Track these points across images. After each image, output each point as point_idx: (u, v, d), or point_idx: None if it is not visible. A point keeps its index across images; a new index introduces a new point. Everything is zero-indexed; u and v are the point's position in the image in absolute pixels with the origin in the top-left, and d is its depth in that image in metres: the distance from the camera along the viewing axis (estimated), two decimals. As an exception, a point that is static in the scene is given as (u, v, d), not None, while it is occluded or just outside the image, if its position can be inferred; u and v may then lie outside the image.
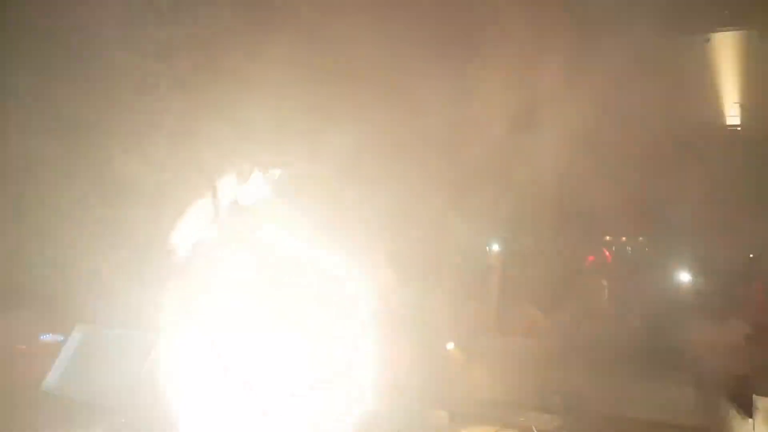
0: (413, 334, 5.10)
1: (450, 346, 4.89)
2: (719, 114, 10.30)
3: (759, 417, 3.18)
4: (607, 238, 13.42)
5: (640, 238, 13.17)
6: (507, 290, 6.03)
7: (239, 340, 4.00)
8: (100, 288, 6.87)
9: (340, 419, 4.01)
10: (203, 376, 3.65)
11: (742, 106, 10.08)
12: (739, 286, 6.72)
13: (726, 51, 10.07)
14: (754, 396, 3.26)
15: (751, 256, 9.89)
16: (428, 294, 5.84)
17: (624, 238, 13.61)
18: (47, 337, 5.55)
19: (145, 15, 8.62)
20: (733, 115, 10.17)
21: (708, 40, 9.89)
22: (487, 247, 6.69)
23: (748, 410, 3.26)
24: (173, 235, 7.37)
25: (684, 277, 6.68)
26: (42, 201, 7.77)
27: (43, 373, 5.71)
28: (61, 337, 6.18)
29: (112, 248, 7.92)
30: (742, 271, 8.47)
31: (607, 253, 11.22)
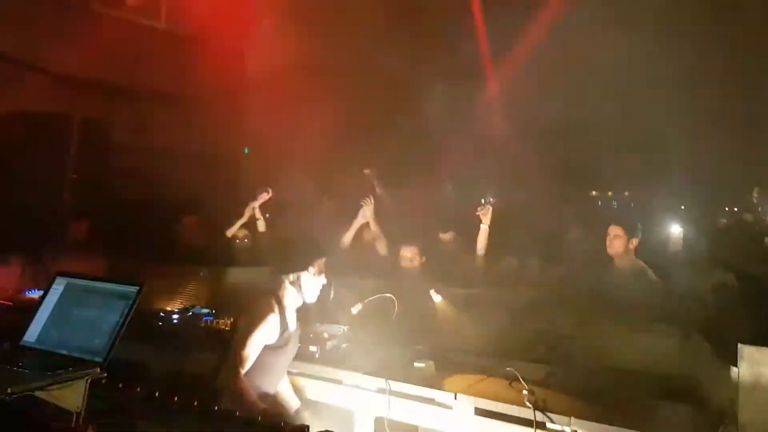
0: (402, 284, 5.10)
1: (437, 297, 4.87)
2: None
3: (743, 365, 3.21)
4: (594, 193, 13.53)
5: (626, 193, 13.30)
6: (497, 242, 6.01)
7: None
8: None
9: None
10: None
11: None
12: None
13: None
14: (738, 344, 3.28)
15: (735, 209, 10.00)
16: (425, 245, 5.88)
17: (610, 193, 13.73)
18: (32, 293, 5.43)
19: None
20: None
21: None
22: (482, 200, 6.57)
23: (733, 359, 3.27)
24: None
25: (673, 230, 6.67)
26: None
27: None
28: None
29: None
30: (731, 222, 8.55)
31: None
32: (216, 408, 2.63)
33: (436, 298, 4.81)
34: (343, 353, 4.30)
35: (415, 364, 4.03)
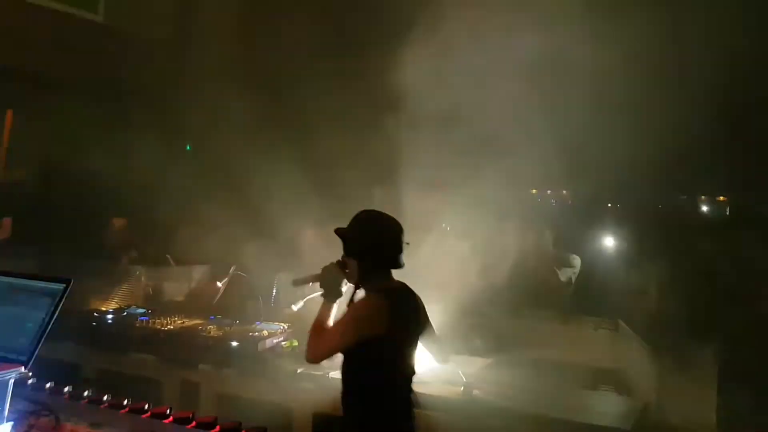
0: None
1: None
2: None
3: (665, 354, 3.35)
4: (534, 191, 13.80)
5: (564, 191, 13.62)
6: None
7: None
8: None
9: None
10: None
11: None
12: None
13: None
14: (660, 334, 3.43)
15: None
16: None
17: (549, 191, 14.03)
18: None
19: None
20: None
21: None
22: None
23: (657, 349, 3.41)
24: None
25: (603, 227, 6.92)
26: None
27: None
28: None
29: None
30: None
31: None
32: (147, 408, 2.59)
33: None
34: (282, 350, 4.27)
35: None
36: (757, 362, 3.80)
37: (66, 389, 2.81)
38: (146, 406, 2.59)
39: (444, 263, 5.85)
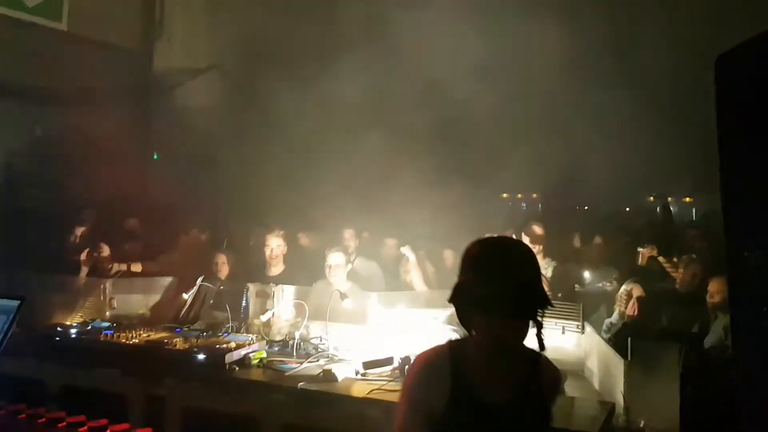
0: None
1: (348, 302, 4.87)
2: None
3: (634, 358, 3.38)
4: (504, 195, 13.93)
5: (534, 195, 13.79)
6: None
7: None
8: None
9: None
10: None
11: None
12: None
13: None
14: (629, 339, 3.45)
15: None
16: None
17: (520, 195, 14.19)
18: None
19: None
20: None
21: None
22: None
23: (624, 352, 3.44)
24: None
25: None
26: None
27: None
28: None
29: None
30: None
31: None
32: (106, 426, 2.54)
33: (347, 303, 4.81)
34: (250, 362, 4.23)
35: (324, 367, 4.04)
36: (717, 362, 3.86)
37: (22, 410, 2.73)
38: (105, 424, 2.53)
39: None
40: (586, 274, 5.98)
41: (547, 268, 5.39)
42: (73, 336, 4.68)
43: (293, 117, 9.17)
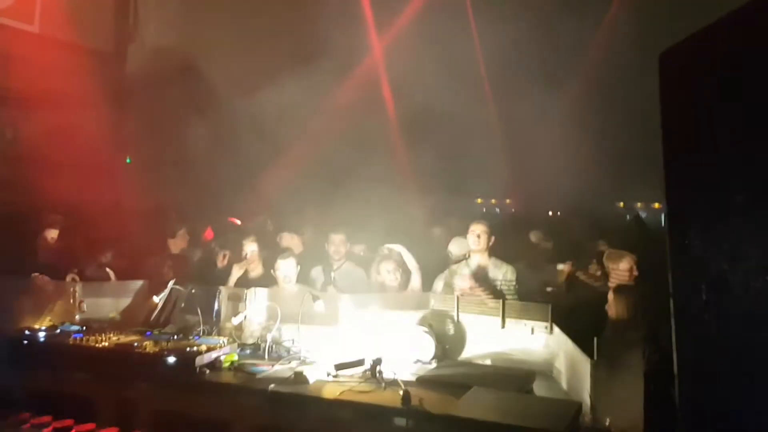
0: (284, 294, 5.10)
1: (319, 305, 4.88)
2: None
3: (600, 358, 3.44)
4: (479, 200, 14.08)
5: (508, 201, 13.95)
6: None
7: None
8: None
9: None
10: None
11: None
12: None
13: None
14: (595, 338, 3.51)
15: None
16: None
17: (494, 201, 14.34)
18: None
19: None
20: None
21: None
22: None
23: (590, 352, 3.50)
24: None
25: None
26: None
27: None
28: None
29: None
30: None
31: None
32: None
33: (318, 306, 4.82)
34: (221, 365, 4.23)
35: (296, 370, 4.05)
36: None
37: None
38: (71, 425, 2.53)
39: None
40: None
41: (500, 269, 5.49)
42: (42, 339, 4.63)
43: (264, 121, 9.18)
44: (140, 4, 11.13)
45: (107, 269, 6.02)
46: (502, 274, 5.45)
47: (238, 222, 8.21)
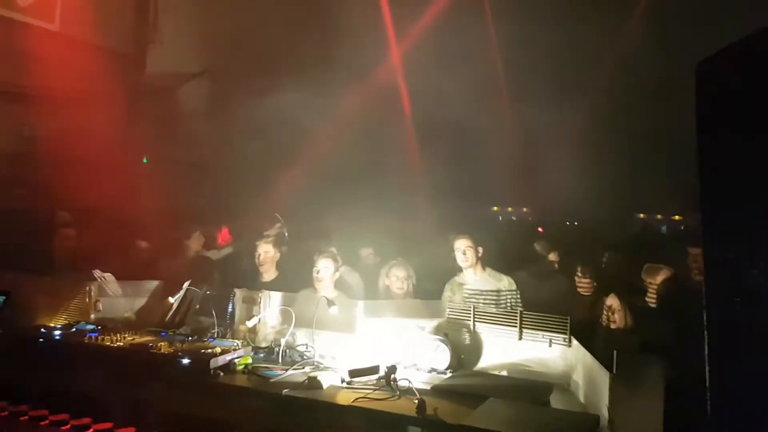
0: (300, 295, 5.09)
1: (333, 309, 4.86)
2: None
3: (619, 371, 3.39)
4: (495, 208, 14.03)
5: (524, 209, 13.88)
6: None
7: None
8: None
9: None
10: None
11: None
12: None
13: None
14: (614, 352, 3.47)
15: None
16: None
17: (510, 209, 14.29)
18: None
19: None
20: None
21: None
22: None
23: (609, 365, 3.45)
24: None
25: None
26: None
27: None
28: None
29: None
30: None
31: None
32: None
33: (333, 310, 4.80)
34: (235, 368, 4.21)
35: (309, 375, 4.03)
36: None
37: (5, 407, 2.71)
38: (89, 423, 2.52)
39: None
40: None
41: (500, 280, 5.46)
42: (57, 337, 4.64)
43: (279, 125, 9.21)
44: (160, 6, 11.19)
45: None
46: (503, 285, 5.41)
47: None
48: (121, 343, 4.44)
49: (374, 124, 10.05)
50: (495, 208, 13.85)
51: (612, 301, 4.79)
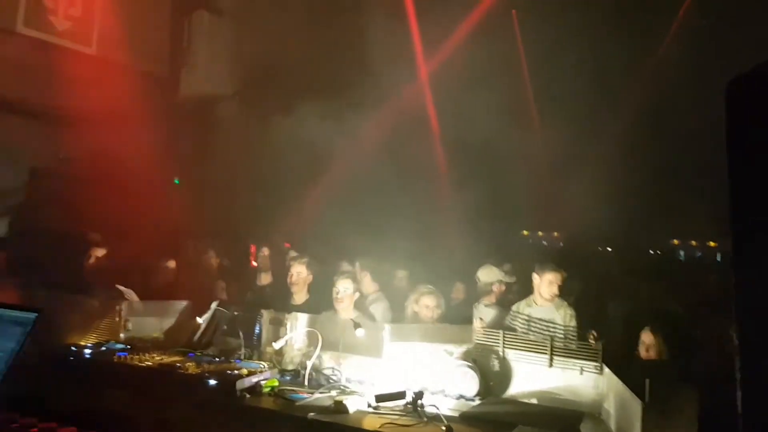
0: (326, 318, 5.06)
1: (360, 332, 4.83)
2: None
3: (651, 400, 3.30)
4: (525, 232, 13.89)
5: (555, 233, 13.71)
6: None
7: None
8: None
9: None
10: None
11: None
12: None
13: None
14: (646, 380, 3.38)
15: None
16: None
17: (540, 233, 14.13)
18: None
19: None
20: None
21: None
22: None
23: (641, 393, 3.36)
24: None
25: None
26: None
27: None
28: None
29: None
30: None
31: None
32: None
33: (360, 332, 4.77)
34: (261, 390, 4.20)
35: (336, 398, 3.99)
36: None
37: (35, 423, 2.74)
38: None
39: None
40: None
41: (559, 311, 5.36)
42: (87, 356, 4.68)
43: (308, 145, 9.26)
44: (194, 29, 11.41)
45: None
46: (561, 318, 5.31)
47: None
48: (150, 363, 4.46)
49: (402, 144, 10.07)
50: (525, 232, 13.70)
51: (647, 336, 4.71)
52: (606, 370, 4.11)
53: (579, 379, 4.22)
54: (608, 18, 10.14)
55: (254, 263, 7.86)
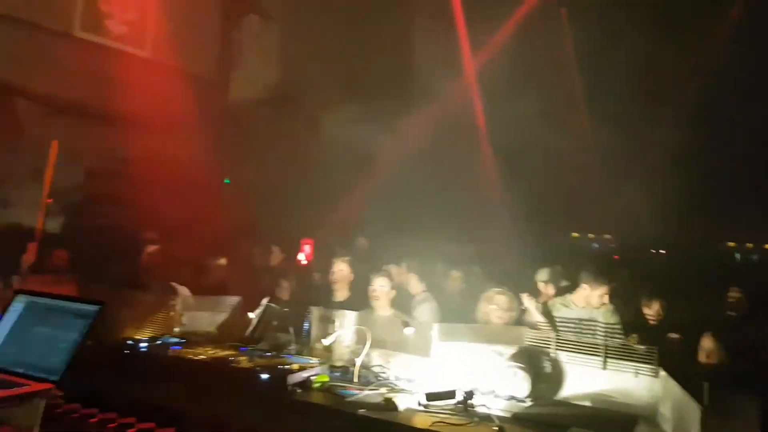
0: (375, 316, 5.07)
1: (410, 330, 4.83)
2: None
3: (711, 404, 3.21)
4: (575, 234, 13.66)
5: (608, 236, 13.44)
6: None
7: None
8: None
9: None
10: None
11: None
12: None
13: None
14: (704, 384, 3.29)
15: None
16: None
17: (591, 235, 13.88)
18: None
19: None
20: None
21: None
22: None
23: (699, 397, 3.28)
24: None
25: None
26: None
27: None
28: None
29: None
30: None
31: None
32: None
33: (408, 330, 4.77)
34: (311, 385, 4.24)
35: (386, 396, 4.00)
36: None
37: (96, 414, 2.81)
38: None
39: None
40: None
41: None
42: (143, 349, 4.80)
43: (355, 146, 9.31)
44: (244, 33, 11.61)
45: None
46: (602, 315, 5.23)
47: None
48: (204, 357, 4.54)
49: (448, 145, 10.03)
50: (575, 234, 13.48)
51: (707, 342, 4.60)
52: (662, 373, 4.01)
53: (633, 382, 4.12)
54: (659, 17, 9.92)
55: (304, 261, 7.95)
